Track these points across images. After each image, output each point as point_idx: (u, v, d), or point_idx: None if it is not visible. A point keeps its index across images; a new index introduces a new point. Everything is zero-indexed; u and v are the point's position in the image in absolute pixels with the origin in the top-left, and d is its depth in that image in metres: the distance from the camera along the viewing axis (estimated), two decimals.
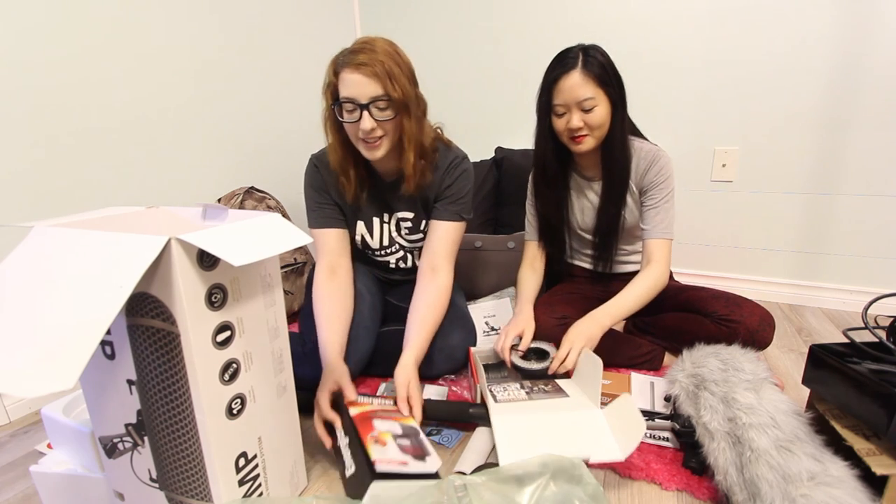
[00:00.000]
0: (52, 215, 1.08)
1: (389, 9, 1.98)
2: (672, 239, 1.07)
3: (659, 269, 1.04)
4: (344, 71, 0.88)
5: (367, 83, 0.87)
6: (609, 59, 1.00)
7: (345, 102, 0.90)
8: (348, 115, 0.91)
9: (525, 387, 0.96)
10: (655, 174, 1.05)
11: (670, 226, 1.06)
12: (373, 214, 1.11)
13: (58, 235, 0.56)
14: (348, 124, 0.93)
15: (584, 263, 1.27)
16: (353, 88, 0.88)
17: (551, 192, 1.16)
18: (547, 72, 1.03)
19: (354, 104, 0.89)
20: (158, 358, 0.56)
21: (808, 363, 0.79)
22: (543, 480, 0.63)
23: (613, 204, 1.10)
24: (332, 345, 0.94)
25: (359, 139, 0.93)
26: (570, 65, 0.98)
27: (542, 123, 1.08)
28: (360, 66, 0.86)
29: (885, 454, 0.65)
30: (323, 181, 1.06)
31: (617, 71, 1.01)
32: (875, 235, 1.44)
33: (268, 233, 0.60)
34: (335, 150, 0.99)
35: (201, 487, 0.61)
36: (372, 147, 0.93)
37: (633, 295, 1.02)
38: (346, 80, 0.88)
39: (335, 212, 1.08)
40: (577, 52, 0.99)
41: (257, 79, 1.60)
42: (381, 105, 0.89)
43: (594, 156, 1.10)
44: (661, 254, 1.05)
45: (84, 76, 1.13)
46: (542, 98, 1.05)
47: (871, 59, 1.34)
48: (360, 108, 0.88)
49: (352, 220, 1.11)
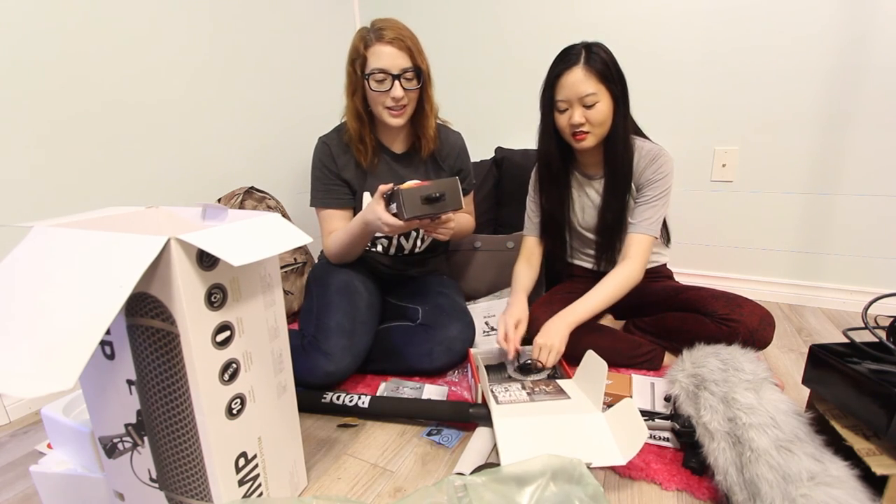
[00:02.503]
0: (52, 215, 1.08)
1: (389, 9, 1.98)
2: (655, 237, 1.08)
3: (633, 266, 1.05)
4: (376, 45, 0.99)
5: (398, 55, 0.99)
6: (612, 56, 1.01)
7: (377, 73, 0.99)
8: (379, 85, 1.00)
9: (527, 387, 0.96)
10: (654, 172, 1.06)
11: (656, 224, 1.07)
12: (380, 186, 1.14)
13: (58, 235, 0.56)
14: (376, 93, 1.01)
15: (584, 263, 1.27)
16: (385, 60, 0.98)
17: (555, 190, 1.16)
18: (550, 68, 1.04)
19: (386, 74, 0.99)
20: (158, 358, 0.56)
21: (808, 363, 0.79)
22: (543, 481, 0.63)
23: (616, 201, 1.10)
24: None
25: (384, 108, 1.03)
26: (573, 61, 0.99)
27: (546, 120, 1.09)
28: (392, 40, 0.98)
29: (885, 454, 0.65)
30: (333, 157, 1.12)
31: (620, 68, 1.01)
32: (875, 235, 1.44)
33: (268, 233, 0.60)
34: (354, 117, 1.07)
35: (201, 487, 0.61)
36: (397, 115, 1.04)
37: (604, 293, 1.04)
38: (378, 52, 0.99)
39: (342, 191, 1.14)
40: (580, 48, 1.00)
41: (257, 78, 1.60)
42: (409, 76, 1.01)
43: (596, 153, 1.10)
44: (639, 249, 1.06)
45: (84, 76, 1.13)
46: (545, 94, 1.06)
47: (872, 58, 1.34)
48: (393, 78, 0.99)
49: (359, 194, 1.15)
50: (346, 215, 1.15)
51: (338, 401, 0.96)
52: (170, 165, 1.34)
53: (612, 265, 1.19)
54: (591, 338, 1.06)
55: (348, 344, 1.02)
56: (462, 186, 1.21)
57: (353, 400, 0.95)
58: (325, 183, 1.13)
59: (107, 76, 1.17)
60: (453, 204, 0.93)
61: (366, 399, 0.95)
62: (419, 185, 0.89)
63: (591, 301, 1.03)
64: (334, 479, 0.80)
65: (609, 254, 1.17)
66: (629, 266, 1.05)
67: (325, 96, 1.89)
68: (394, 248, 1.22)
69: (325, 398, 0.97)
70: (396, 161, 1.17)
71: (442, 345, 1.08)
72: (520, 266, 1.21)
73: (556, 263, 1.34)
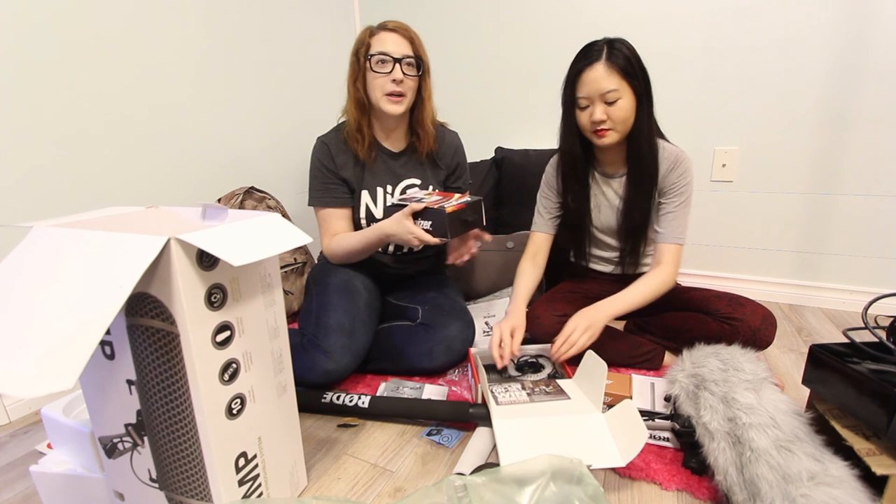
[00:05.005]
0: (52, 215, 1.08)
1: (389, 9, 1.98)
2: (683, 244, 1.07)
3: (668, 272, 1.04)
4: (380, 33, 1.05)
5: (401, 42, 1.05)
6: (635, 52, 0.99)
7: (380, 55, 1.03)
8: (381, 66, 1.04)
9: (526, 388, 0.95)
10: (678, 177, 1.04)
11: (684, 231, 1.06)
12: (377, 184, 1.16)
13: (58, 235, 0.56)
14: (378, 78, 1.05)
15: (596, 265, 1.24)
16: (388, 45, 1.04)
17: (578, 188, 1.13)
18: (571, 65, 1.02)
19: (389, 57, 1.03)
20: (158, 358, 0.56)
21: (808, 363, 0.79)
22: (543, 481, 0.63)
23: (643, 200, 1.07)
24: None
25: (384, 94, 1.05)
26: (595, 57, 0.97)
27: (567, 117, 1.07)
28: (394, 29, 1.05)
29: (885, 454, 0.65)
30: (331, 156, 1.13)
31: (643, 64, 0.99)
32: (875, 235, 1.44)
33: (268, 233, 0.60)
34: (355, 105, 1.10)
35: (201, 487, 0.61)
36: (397, 101, 1.06)
37: (641, 292, 1.02)
38: (383, 38, 1.04)
39: (341, 190, 1.14)
40: (601, 44, 0.98)
41: (257, 78, 1.60)
42: (410, 62, 1.06)
43: (617, 151, 1.08)
44: (672, 258, 1.05)
45: (84, 76, 1.13)
46: (566, 91, 1.04)
47: (872, 58, 1.33)
48: (394, 62, 1.04)
49: (357, 192, 1.15)
50: (344, 214, 1.15)
51: (338, 401, 0.96)
52: (170, 165, 1.34)
53: (635, 267, 1.18)
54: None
55: (348, 342, 1.02)
56: (458, 185, 1.25)
57: (353, 400, 0.95)
58: (324, 182, 1.13)
59: (107, 77, 1.17)
60: (479, 223, 1.04)
61: (366, 399, 0.95)
62: (458, 209, 0.97)
63: (627, 299, 1.01)
64: (334, 479, 0.80)
65: (633, 256, 1.15)
66: (664, 272, 1.03)
67: (325, 97, 1.89)
68: (393, 246, 1.22)
69: (325, 398, 0.97)
70: (394, 159, 1.18)
71: (442, 344, 1.08)
72: (524, 265, 1.17)
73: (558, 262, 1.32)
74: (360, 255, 1.13)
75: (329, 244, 1.15)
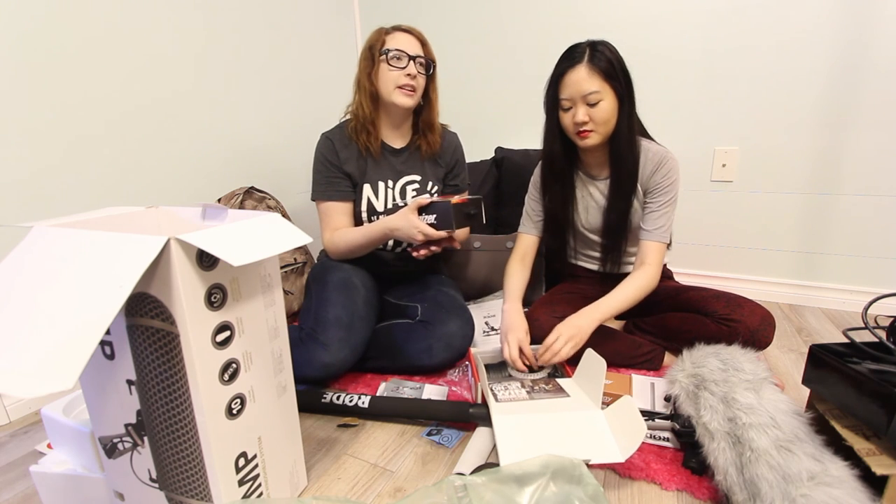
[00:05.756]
0: (52, 215, 1.08)
1: (389, 9, 1.98)
2: (667, 244, 1.07)
3: (651, 272, 1.04)
4: (394, 32, 1.11)
5: (414, 42, 1.11)
6: (617, 54, 1.00)
7: (396, 51, 1.09)
8: (396, 62, 1.09)
9: (526, 386, 0.96)
10: (662, 177, 1.05)
11: (668, 230, 1.07)
12: (379, 178, 1.18)
13: (58, 235, 0.56)
14: (392, 72, 1.09)
15: (586, 263, 1.26)
16: (403, 43, 1.10)
17: (559, 189, 1.15)
18: (555, 67, 1.04)
19: (404, 53, 1.09)
20: (158, 358, 0.56)
21: (808, 363, 0.79)
22: (543, 481, 0.63)
23: (621, 202, 1.09)
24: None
25: (397, 87, 1.10)
26: (577, 59, 0.99)
27: (550, 119, 1.09)
28: (408, 31, 1.12)
29: (885, 454, 0.65)
30: (335, 151, 1.15)
31: (625, 67, 1.01)
32: (875, 235, 1.44)
33: (267, 233, 0.60)
34: (368, 98, 1.13)
35: (201, 487, 0.61)
36: (409, 94, 1.11)
37: (624, 294, 1.02)
38: (397, 37, 1.10)
39: (344, 184, 1.16)
40: (584, 46, 1.00)
41: (258, 80, 1.60)
42: (422, 62, 1.12)
43: (600, 153, 1.10)
44: (655, 257, 1.05)
45: (83, 76, 1.13)
46: (549, 92, 1.06)
47: (872, 58, 1.34)
48: (409, 58, 1.09)
49: (360, 185, 1.17)
50: (346, 209, 1.18)
51: (338, 401, 0.96)
52: (170, 165, 1.34)
53: (618, 266, 1.19)
54: (591, 337, 1.06)
55: (345, 336, 1.03)
56: (456, 182, 1.31)
57: (353, 400, 0.95)
58: (328, 176, 1.15)
59: (107, 76, 1.17)
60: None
61: (366, 399, 0.95)
62: (462, 202, 1.02)
63: (612, 302, 1.02)
64: (334, 479, 0.80)
65: (615, 255, 1.17)
66: (647, 272, 1.04)
67: (325, 98, 1.89)
68: (392, 243, 1.22)
69: (325, 398, 0.97)
70: (395, 155, 1.20)
71: (441, 341, 1.08)
72: (513, 266, 1.19)
73: (556, 263, 1.34)
74: (361, 251, 1.15)
75: (331, 238, 1.16)
